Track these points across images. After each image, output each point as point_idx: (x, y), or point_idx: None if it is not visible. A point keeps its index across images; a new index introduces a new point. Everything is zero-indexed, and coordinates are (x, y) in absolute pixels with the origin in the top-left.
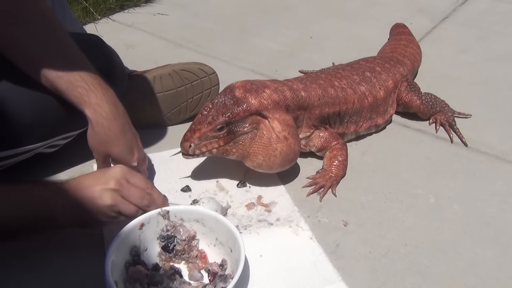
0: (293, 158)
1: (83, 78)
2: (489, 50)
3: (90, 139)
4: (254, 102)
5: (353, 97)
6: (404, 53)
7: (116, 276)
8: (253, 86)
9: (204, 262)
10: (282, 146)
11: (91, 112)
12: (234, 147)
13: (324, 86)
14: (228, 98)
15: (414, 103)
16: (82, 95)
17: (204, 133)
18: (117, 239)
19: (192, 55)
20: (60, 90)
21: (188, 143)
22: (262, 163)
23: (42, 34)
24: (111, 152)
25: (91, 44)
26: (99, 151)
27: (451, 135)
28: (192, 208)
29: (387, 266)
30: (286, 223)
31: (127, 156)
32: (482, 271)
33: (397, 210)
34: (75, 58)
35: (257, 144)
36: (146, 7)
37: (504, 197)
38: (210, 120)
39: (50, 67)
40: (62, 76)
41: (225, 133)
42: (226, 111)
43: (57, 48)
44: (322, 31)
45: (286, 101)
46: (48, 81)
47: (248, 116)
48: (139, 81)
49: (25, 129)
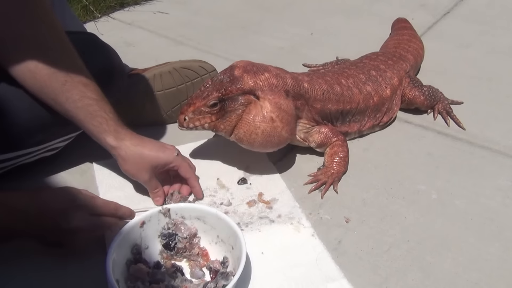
0: (278, 142)
1: (102, 108)
2: (492, 44)
3: (126, 167)
4: (249, 81)
5: (358, 97)
6: (408, 48)
7: (118, 275)
8: (254, 68)
9: (206, 259)
10: (265, 126)
11: (113, 139)
12: (223, 123)
13: (331, 83)
14: (227, 76)
15: (418, 99)
16: (102, 123)
17: (198, 107)
18: (118, 238)
19: (193, 53)
20: (78, 119)
21: (183, 115)
22: (243, 138)
23: (59, 63)
24: (150, 160)
25: (90, 43)
26: (141, 170)
27: (448, 121)
28: (193, 205)
29: (389, 263)
30: (287, 220)
31: (164, 153)
32: (485, 266)
33: (399, 206)
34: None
35: (242, 120)
36: (146, 5)
37: (507, 192)
38: (205, 95)
39: (67, 98)
40: (80, 107)
41: (218, 109)
42: (221, 87)
43: (73, 77)
44: (322, 27)
45: (286, 87)
46: (65, 110)
47: (241, 94)
48: (139, 79)
49: (24, 132)
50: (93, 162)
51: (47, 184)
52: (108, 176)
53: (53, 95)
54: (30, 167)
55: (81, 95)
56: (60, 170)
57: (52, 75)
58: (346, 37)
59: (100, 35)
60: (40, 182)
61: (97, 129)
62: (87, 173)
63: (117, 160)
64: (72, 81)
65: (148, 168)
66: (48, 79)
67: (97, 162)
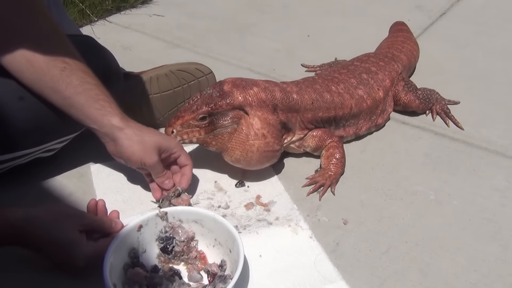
0: (272, 156)
1: (102, 92)
2: (488, 45)
3: (132, 149)
4: (239, 97)
5: (350, 102)
6: (401, 49)
7: (115, 279)
8: (242, 83)
9: (203, 263)
10: (259, 143)
11: (119, 120)
12: (214, 140)
13: (320, 91)
14: (216, 90)
15: (413, 103)
16: (105, 106)
17: (187, 120)
18: (115, 241)
19: (190, 56)
20: (78, 105)
21: (171, 128)
22: (240, 158)
23: (57, 51)
24: (158, 142)
25: (86, 46)
26: (149, 151)
27: (447, 121)
28: (190, 209)
29: (387, 264)
30: (285, 222)
31: (169, 138)
32: (483, 267)
33: (397, 207)
34: (88, 69)
35: (235, 139)
36: (142, 8)
37: (504, 192)
38: (194, 109)
39: (67, 84)
40: (81, 92)
41: (207, 124)
42: (211, 102)
43: (72, 63)
44: (319, 29)
45: (274, 101)
46: (64, 97)
47: (231, 110)
48: (135, 82)
49: (21, 133)
50: (90, 165)
51: (43, 188)
52: (106, 180)
53: (52, 83)
54: (26, 170)
55: (81, 81)
56: (57, 173)
57: (50, 62)
58: (342, 39)
59: (96, 38)
60: (36, 186)
61: (101, 112)
62: (84, 177)
63: (121, 143)
64: (71, 67)
65: (156, 150)
66: (46, 67)
67: (94, 165)
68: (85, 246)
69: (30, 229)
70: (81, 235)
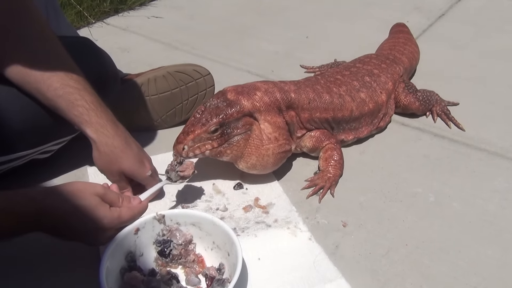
0: (286, 156)
1: (83, 97)
2: (486, 46)
3: (98, 162)
4: (247, 103)
5: (351, 105)
6: (403, 51)
7: (112, 283)
8: (245, 89)
9: (201, 266)
10: (273, 147)
11: (93, 132)
12: (229, 148)
13: (320, 91)
14: (221, 100)
15: (413, 105)
16: (83, 114)
17: (198, 134)
18: (111, 245)
19: (188, 57)
20: (60, 108)
21: (182, 145)
22: (256, 163)
23: (39, 51)
24: (122, 168)
25: (84, 48)
26: (111, 170)
27: (449, 123)
28: (188, 211)
29: (387, 267)
30: (284, 225)
31: (140, 169)
32: (484, 269)
33: (397, 210)
34: (72, 72)
35: (251, 145)
36: (140, 10)
37: (504, 194)
38: (204, 121)
39: (48, 86)
40: (61, 95)
41: (219, 135)
42: (220, 112)
43: (54, 65)
44: (318, 31)
45: (277, 103)
46: (47, 99)
47: (241, 117)
48: (133, 84)
49: (17, 135)
50: (87, 168)
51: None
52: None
53: (35, 84)
54: (22, 173)
55: (62, 83)
56: (53, 176)
57: (32, 62)
58: (341, 41)
59: (94, 40)
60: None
61: (78, 119)
62: (81, 179)
63: (93, 153)
64: (53, 69)
65: (119, 173)
66: (29, 67)
67: (91, 167)
68: (108, 208)
69: (50, 202)
70: (101, 201)
